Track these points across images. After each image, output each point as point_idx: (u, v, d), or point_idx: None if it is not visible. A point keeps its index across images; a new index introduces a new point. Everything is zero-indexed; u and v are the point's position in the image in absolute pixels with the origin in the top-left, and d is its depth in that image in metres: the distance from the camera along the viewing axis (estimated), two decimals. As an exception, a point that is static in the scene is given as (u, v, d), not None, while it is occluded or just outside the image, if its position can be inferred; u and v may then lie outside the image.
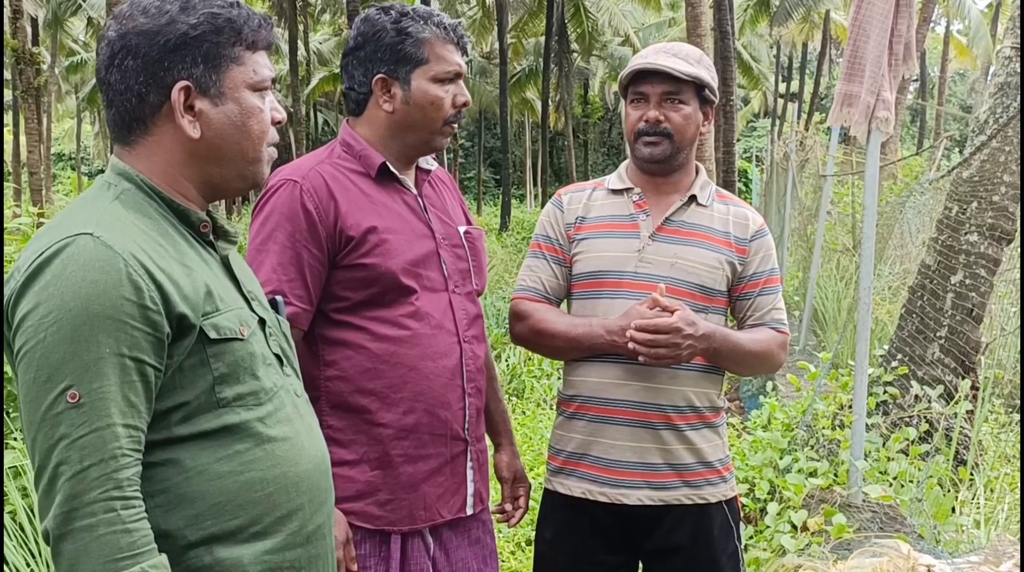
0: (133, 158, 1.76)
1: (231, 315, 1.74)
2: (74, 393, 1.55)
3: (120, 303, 1.57)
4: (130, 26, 1.71)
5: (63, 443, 1.54)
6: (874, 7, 4.16)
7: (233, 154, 1.78)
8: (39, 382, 1.56)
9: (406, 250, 2.47)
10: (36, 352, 1.56)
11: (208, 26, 1.72)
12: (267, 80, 1.81)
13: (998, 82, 6.00)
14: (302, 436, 1.86)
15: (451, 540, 2.60)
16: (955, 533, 4.27)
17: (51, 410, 1.55)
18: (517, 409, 8.37)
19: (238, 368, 1.74)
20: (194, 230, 1.79)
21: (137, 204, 1.72)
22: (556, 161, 51.11)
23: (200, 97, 1.73)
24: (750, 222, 2.82)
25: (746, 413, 8.05)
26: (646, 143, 2.75)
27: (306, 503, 1.83)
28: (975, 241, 5.84)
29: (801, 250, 13.44)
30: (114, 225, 1.64)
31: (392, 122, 2.52)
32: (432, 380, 2.49)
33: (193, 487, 1.68)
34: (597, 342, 2.69)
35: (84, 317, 1.55)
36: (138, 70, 1.70)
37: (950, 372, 5.87)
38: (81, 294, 1.56)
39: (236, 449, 1.72)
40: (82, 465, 1.54)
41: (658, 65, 2.69)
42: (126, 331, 1.58)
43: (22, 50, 23.54)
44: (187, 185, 1.79)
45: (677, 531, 2.73)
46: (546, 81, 32.71)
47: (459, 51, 2.53)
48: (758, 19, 36.18)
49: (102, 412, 1.56)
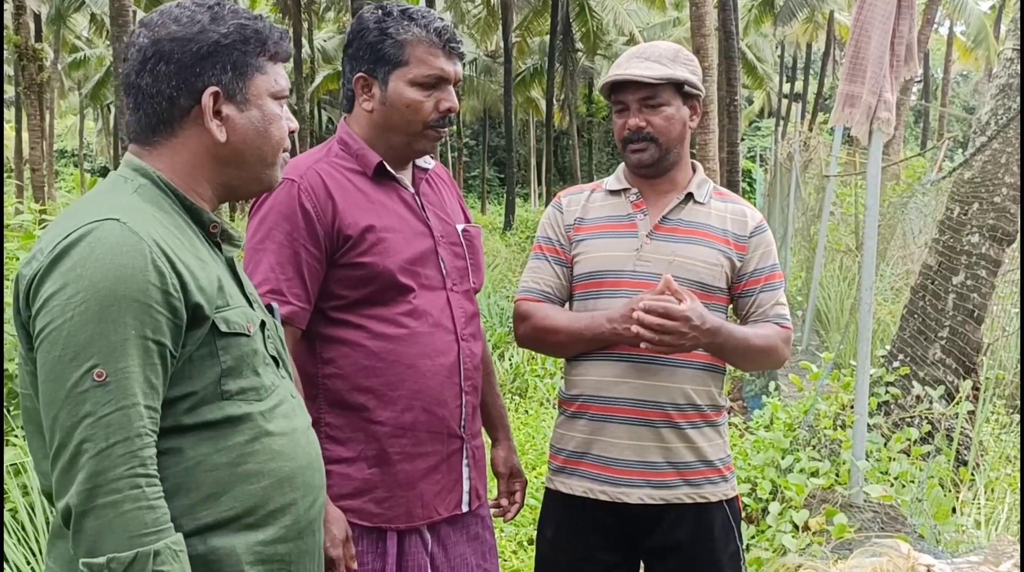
0: (152, 158, 1.82)
1: (239, 311, 1.81)
2: (100, 372, 1.58)
3: (146, 287, 1.62)
4: (163, 33, 1.79)
5: (88, 420, 1.57)
6: (876, 8, 4.17)
7: (254, 158, 1.87)
8: (64, 360, 1.59)
9: (404, 249, 2.47)
10: (63, 330, 1.59)
11: (237, 36, 1.81)
12: (286, 90, 1.91)
13: (1000, 83, 5.99)
14: (299, 433, 1.90)
15: (449, 536, 2.60)
16: (956, 533, 4.26)
17: (77, 388, 1.58)
18: (520, 408, 8.38)
19: (242, 363, 1.79)
20: (204, 229, 1.86)
21: (154, 198, 1.78)
22: (560, 160, 51.12)
23: (227, 103, 1.82)
24: (748, 218, 2.83)
25: (749, 413, 8.06)
26: (633, 151, 2.76)
27: (299, 498, 1.87)
28: (976, 242, 5.84)
29: (804, 250, 13.43)
30: (137, 213, 1.70)
31: (372, 122, 2.53)
32: (430, 378, 2.49)
33: (191, 476, 1.72)
34: (599, 332, 2.69)
35: (112, 298, 1.60)
36: (171, 74, 1.78)
37: (951, 373, 5.87)
38: (109, 276, 1.60)
39: (235, 441, 1.77)
40: (108, 442, 1.57)
41: (629, 75, 2.71)
42: (151, 314, 1.63)
43: (25, 46, 23.56)
44: (205, 186, 1.86)
45: (678, 529, 2.74)
46: (551, 80, 32.70)
47: (447, 56, 2.49)
48: (762, 19, 36.17)
49: (128, 391, 1.60)
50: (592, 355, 2.75)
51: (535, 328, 2.82)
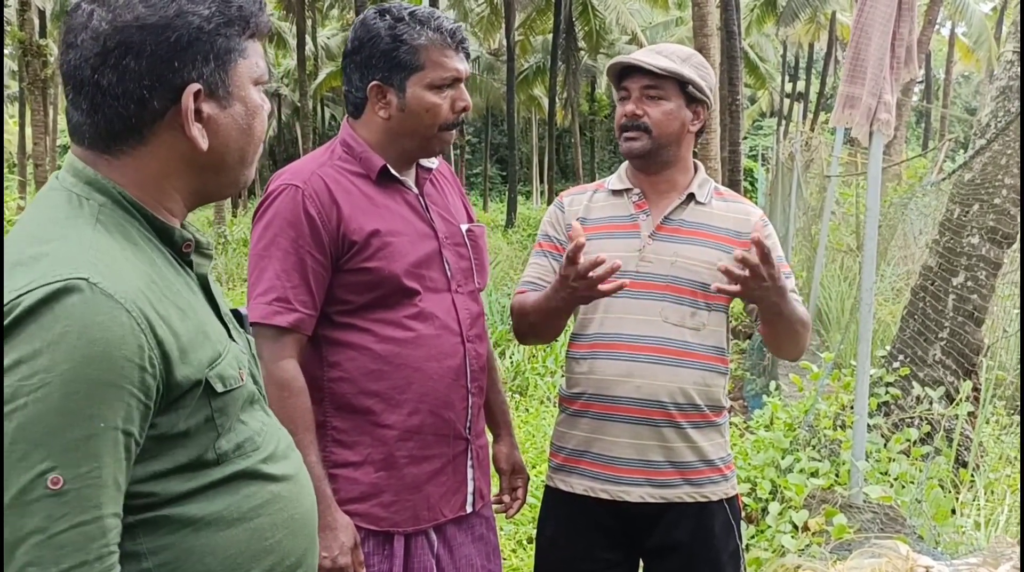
0: (111, 169, 1.48)
1: (230, 358, 1.53)
2: (56, 478, 1.26)
3: (122, 365, 1.31)
4: (128, 18, 1.42)
5: (35, 539, 1.25)
6: (876, 11, 4.18)
7: (234, 160, 1.56)
8: (12, 459, 1.25)
9: (409, 252, 2.46)
10: (12, 421, 1.25)
11: (221, 17, 1.48)
12: (266, 73, 1.59)
13: (1000, 86, 6.00)
14: (300, 471, 1.69)
15: (455, 537, 2.60)
16: (955, 535, 4.27)
17: (24, 496, 1.25)
18: (520, 406, 8.37)
19: (232, 418, 1.53)
20: (175, 250, 1.55)
21: (119, 225, 1.46)
22: (562, 158, 51.10)
23: (208, 100, 1.49)
24: (750, 216, 2.83)
25: (749, 413, 8.06)
26: (627, 138, 2.77)
27: (310, 547, 1.67)
28: (976, 243, 5.85)
29: (805, 250, 13.41)
30: (107, 262, 1.37)
31: (388, 128, 2.50)
32: (437, 381, 2.48)
33: (203, 540, 1.47)
34: (552, 292, 2.58)
35: (79, 383, 1.28)
36: (142, 71, 1.42)
37: (951, 374, 5.88)
38: (76, 355, 1.28)
39: (244, 493, 1.53)
40: (58, 568, 1.26)
41: (636, 61, 2.72)
42: (123, 400, 1.32)
43: (29, 42, 23.55)
44: (175, 197, 1.55)
45: (678, 528, 2.74)
46: (553, 78, 32.69)
47: (458, 55, 2.49)
48: (765, 19, 36.16)
49: (90, 502, 1.29)
50: (595, 354, 2.75)
51: (514, 315, 2.84)
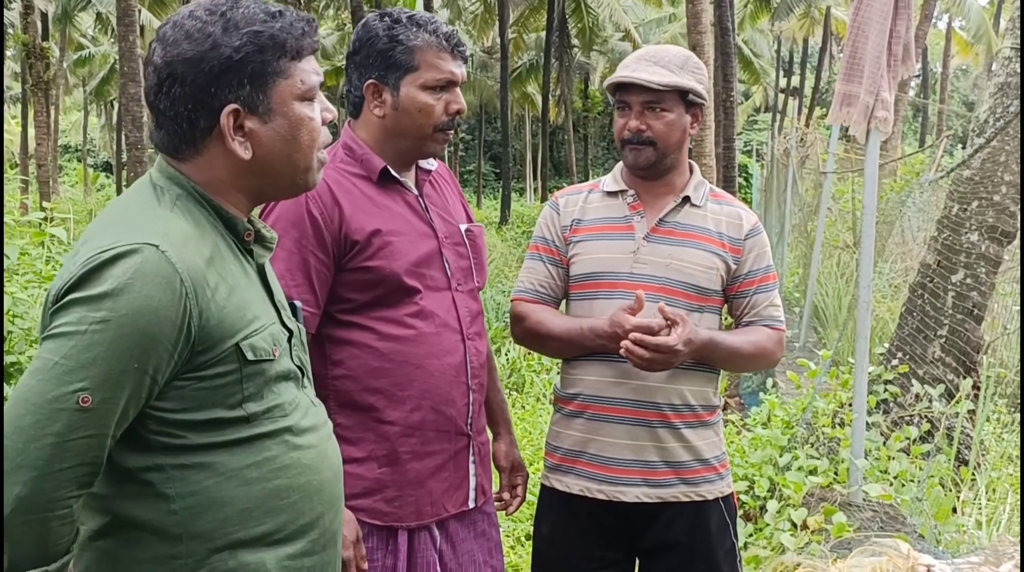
0: (185, 167, 1.78)
1: (266, 334, 1.78)
2: (87, 397, 1.55)
3: (166, 324, 1.60)
4: (174, 53, 1.71)
5: (51, 440, 1.53)
6: (873, 8, 4.17)
7: (283, 167, 1.81)
8: (58, 368, 1.55)
9: (410, 251, 2.51)
10: (71, 340, 1.56)
11: (251, 47, 1.72)
12: (315, 87, 1.82)
13: (998, 82, 6.00)
14: (325, 443, 1.90)
15: (458, 533, 2.64)
16: (956, 533, 4.27)
17: (56, 403, 1.54)
18: (517, 404, 8.39)
19: (264, 387, 1.77)
20: (238, 238, 1.83)
21: (191, 212, 1.75)
22: (556, 155, 51.05)
23: (249, 117, 1.74)
24: (743, 221, 2.85)
25: (746, 410, 8.05)
26: (631, 150, 2.78)
27: (326, 511, 1.87)
28: (975, 241, 5.84)
29: (801, 246, 13.43)
30: (177, 238, 1.66)
31: (383, 127, 2.56)
32: (438, 378, 2.53)
33: (224, 491, 1.71)
34: (588, 344, 2.74)
35: (129, 328, 1.57)
36: (185, 97, 1.71)
37: (951, 371, 5.87)
38: (134, 306, 1.57)
39: (266, 456, 1.76)
40: (61, 466, 1.54)
41: (635, 78, 2.72)
42: (157, 351, 1.60)
43: (33, 44, 23.61)
44: (237, 195, 1.82)
45: (674, 527, 2.76)
46: (547, 76, 32.71)
47: (454, 59, 2.54)
48: (759, 14, 36.11)
49: (102, 421, 1.57)
50: (591, 356, 2.77)
51: (528, 332, 2.88)
